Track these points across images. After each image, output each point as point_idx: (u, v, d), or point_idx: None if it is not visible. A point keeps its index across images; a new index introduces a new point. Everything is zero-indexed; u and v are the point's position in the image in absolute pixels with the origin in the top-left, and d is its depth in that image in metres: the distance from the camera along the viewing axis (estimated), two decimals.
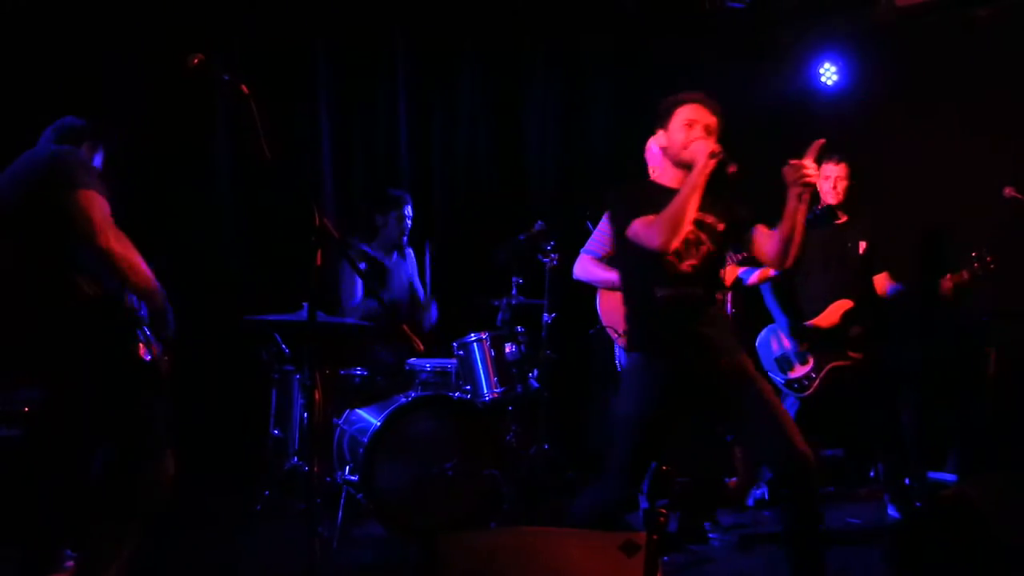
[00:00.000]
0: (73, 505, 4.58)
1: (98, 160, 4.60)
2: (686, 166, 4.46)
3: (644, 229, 4.41)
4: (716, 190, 4.50)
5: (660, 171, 4.75)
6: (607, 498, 4.56)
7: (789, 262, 4.50)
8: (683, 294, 4.50)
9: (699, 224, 4.51)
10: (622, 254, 4.73)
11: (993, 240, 6.39)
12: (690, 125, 4.52)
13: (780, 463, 4.51)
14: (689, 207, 4.34)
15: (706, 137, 4.48)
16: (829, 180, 6.48)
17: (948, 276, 6.26)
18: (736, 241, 4.73)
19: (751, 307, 6.69)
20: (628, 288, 4.78)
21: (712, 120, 4.56)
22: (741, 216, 4.65)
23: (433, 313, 7.24)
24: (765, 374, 6.54)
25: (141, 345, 4.34)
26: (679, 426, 4.77)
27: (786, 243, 4.43)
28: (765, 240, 4.57)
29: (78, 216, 4.10)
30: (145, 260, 4.29)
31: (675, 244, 4.37)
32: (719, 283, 4.71)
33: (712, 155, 4.34)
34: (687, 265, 4.49)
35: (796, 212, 4.36)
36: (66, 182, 4.15)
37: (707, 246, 4.53)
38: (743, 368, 4.54)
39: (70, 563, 4.88)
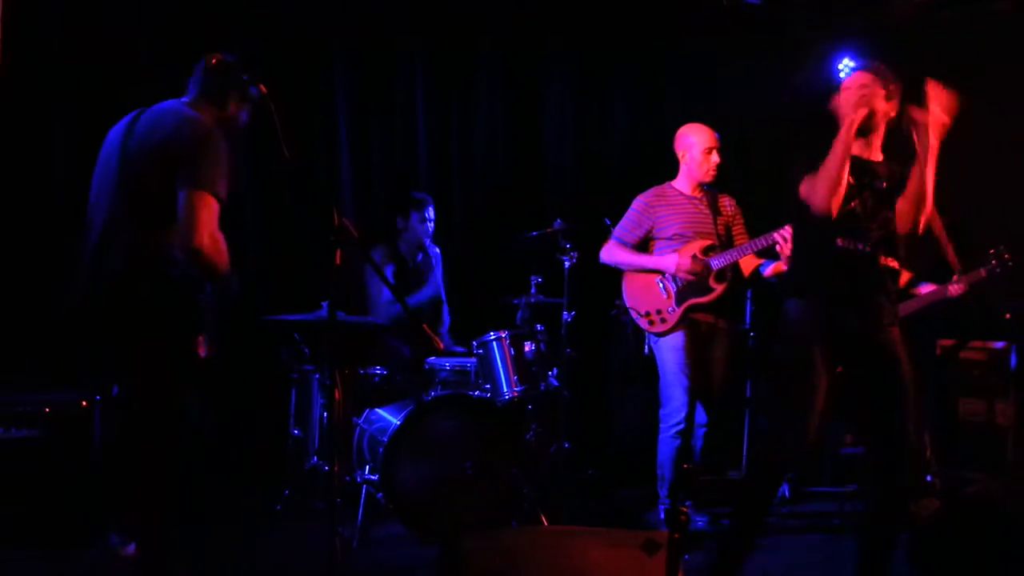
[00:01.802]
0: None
1: (244, 117, 4.53)
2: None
3: (808, 189, 4.57)
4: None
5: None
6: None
7: (915, 226, 4.67)
8: (860, 251, 4.61)
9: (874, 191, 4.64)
10: (802, 209, 4.78)
11: (1016, 236, 6.36)
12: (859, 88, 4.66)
13: (878, 447, 4.61)
14: (838, 161, 4.46)
15: (858, 95, 4.60)
16: None
17: (956, 276, 6.24)
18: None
19: (773, 301, 6.68)
20: (804, 234, 4.89)
21: (881, 90, 4.68)
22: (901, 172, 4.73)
23: (445, 318, 7.29)
24: None
25: (201, 340, 4.32)
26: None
27: (914, 203, 4.61)
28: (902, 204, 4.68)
29: (185, 214, 3.98)
30: None
31: (835, 203, 4.48)
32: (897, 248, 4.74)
33: (859, 105, 4.52)
34: (868, 225, 4.62)
35: (927, 159, 4.54)
36: (186, 178, 4.03)
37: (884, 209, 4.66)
38: (893, 343, 4.64)
39: (130, 548, 4.92)
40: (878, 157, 4.75)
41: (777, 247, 5.78)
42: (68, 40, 6.68)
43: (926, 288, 6.47)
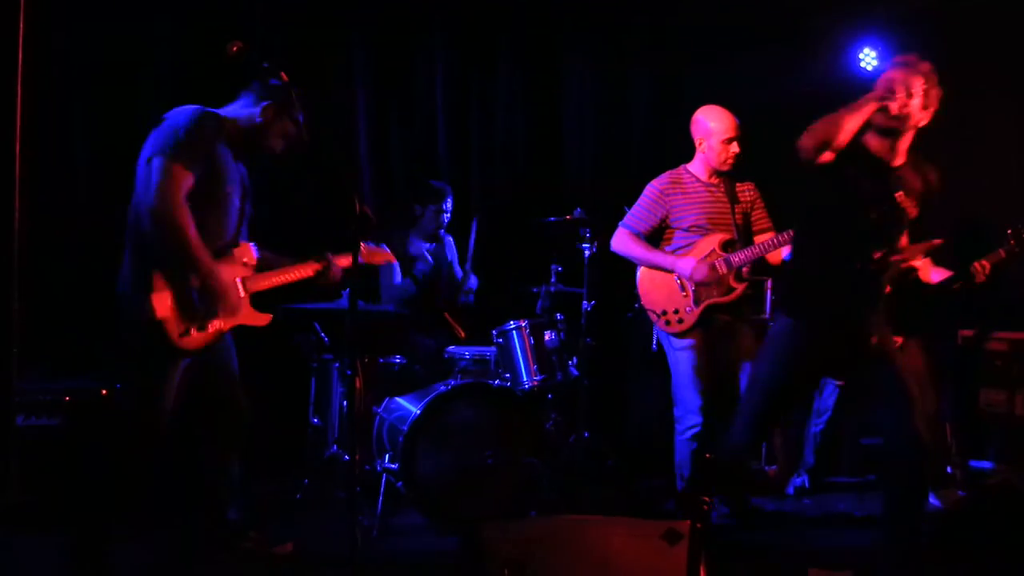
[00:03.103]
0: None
1: (276, 141, 4.87)
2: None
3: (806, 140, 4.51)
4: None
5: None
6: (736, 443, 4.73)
7: None
8: (875, 270, 4.56)
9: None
10: (819, 211, 4.71)
11: None
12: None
13: (891, 440, 4.57)
14: (846, 115, 4.45)
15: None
16: None
17: (983, 259, 6.17)
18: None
19: None
20: (814, 253, 4.74)
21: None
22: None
23: (472, 282, 7.24)
24: None
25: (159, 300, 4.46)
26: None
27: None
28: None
29: (149, 179, 4.33)
30: None
31: (824, 156, 4.43)
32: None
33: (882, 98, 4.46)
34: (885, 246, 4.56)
35: None
36: (155, 147, 4.38)
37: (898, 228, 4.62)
38: (887, 347, 4.60)
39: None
40: (900, 162, 4.66)
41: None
42: (87, 32, 6.70)
43: (937, 274, 6.40)
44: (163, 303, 4.44)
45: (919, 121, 4.56)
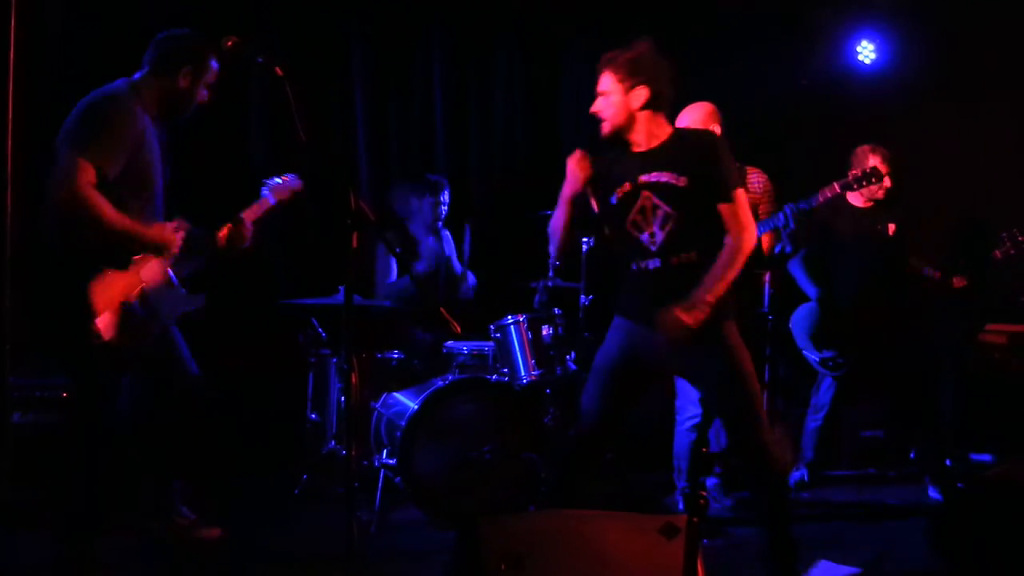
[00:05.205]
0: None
1: (202, 94, 4.84)
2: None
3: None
4: (682, 141, 4.49)
5: None
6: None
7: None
8: (643, 267, 4.43)
9: (652, 187, 4.37)
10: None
11: None
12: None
13: (738, 450, 4.57)
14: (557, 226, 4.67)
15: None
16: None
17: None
18: (710, 199, 4.37)
19: (790, 285, 6.63)
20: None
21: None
22: (717, 172, 4.38)
23: (470, 279, 7.22)
24: (800, 352, 6.53)
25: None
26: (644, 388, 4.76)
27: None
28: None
29: (58, 172, 4.33)
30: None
31: (561, 251, 4.74)
32: (689, 246, 4.37)
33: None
34: (646, 235, 4.39)
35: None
36: (67, 139, 4.41)
37: (664, 209, 4.35)
38: (715, 340, 4.34)
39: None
40: (654, 141, 4.53)
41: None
42: (82, 23, 6.68)
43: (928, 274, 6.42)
44: (107, 325, 4.43)
45: (633, 104, 4.66)
